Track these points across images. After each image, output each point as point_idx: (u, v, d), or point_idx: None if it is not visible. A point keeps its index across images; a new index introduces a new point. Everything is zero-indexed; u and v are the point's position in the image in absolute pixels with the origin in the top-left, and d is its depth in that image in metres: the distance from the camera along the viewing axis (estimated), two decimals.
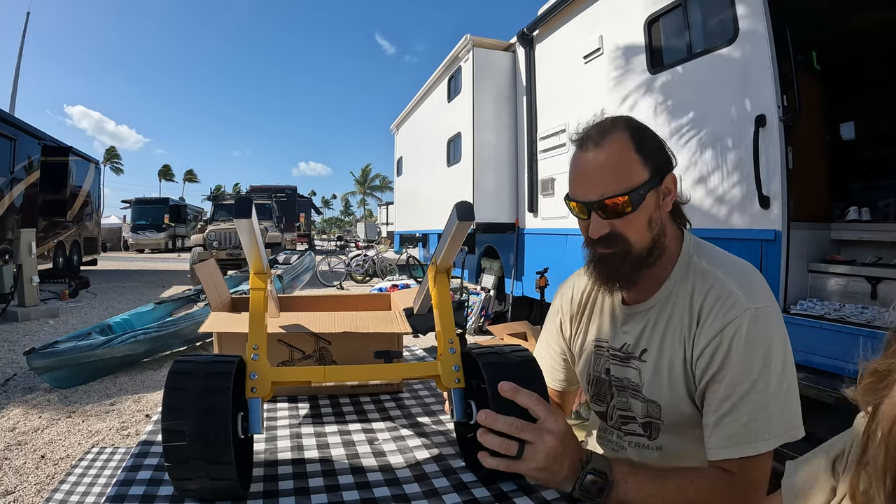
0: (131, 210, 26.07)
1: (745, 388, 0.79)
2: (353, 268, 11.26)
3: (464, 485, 0.82)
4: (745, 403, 0.79)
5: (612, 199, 0.86)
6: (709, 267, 0.89)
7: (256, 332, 0.81)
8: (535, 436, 0.73)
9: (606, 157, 0.87)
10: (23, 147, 9.00)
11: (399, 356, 0.86)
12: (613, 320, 1.02)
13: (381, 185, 64.57)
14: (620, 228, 0.88)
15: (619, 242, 0.89)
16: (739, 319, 0.81)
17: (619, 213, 0.87)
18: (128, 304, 7.57)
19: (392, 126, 10.93)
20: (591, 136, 0.89)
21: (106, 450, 1.90)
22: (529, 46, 5.35)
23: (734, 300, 0.82)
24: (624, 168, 0.86)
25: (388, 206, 32.25)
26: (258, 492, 0.78)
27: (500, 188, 5.87)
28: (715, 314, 0.83)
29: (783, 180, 2.60)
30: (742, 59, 2.84)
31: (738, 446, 0.79)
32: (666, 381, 0.89)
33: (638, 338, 0.95)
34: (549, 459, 0.73)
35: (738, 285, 0.84)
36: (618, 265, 0.90)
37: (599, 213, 0.88)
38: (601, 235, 0.89)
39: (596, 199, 0.87)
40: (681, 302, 0.90)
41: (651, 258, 0.91)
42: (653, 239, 0.90)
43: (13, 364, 4.48)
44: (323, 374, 0.81)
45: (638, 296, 0.98)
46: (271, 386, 0.78)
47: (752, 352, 0.80)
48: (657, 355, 0.91)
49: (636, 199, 0.86)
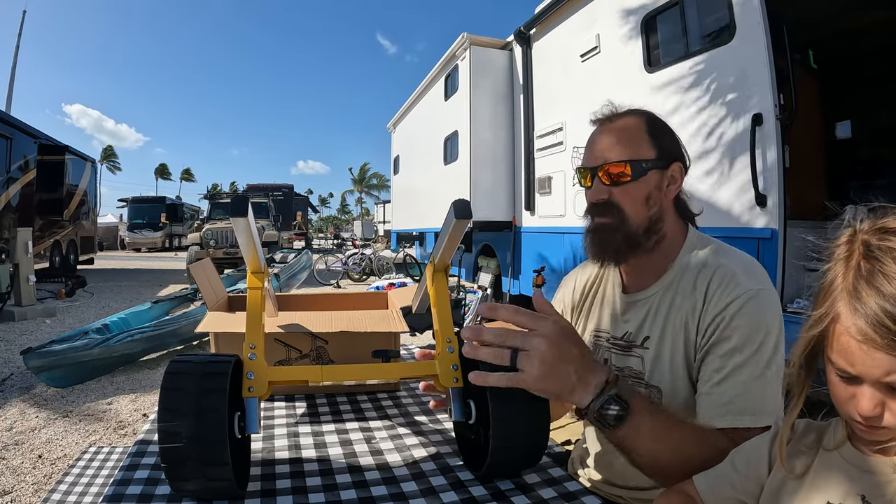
0: (128, 209, 25.95)
1: (738, 361, 0.80)
2: (350, 266, 11.25)
3: (461, 483, 0.82)
4: (738, 375, 0.80)
5: (615, 164, 0.91)
6: (712, 255, 0.92)
7: (254, 332, 0.80)
8: (524, 341, 0.69)
9: (617, 130, 0.94)
10: (19, 146, 8.95)
11: (397, 355, 0.85)
12: (614, 310, 1.03)
13: (378, 184, 64.57)
14: (618, 197, 0.92)
15: (615, 212, 0.92)
16: (742, 298, 0.82)
17: (619, 180, 0.91)
18: (124, 304, 7.55)
19: (389, 124, 10.92)
20: (608, 114, 0.97)
21: (103, 449, 1.89)
22: (526, 45, 5.35)
23: (738, 281, 0.84)
24: (632, 141, 0.92)
25: (386, 204, 32.23)
26: (255, 491, 0.78)
27: (497, 186, 5.88)
28: (720, 294, 0.85)
29: (780, 179, 2.61)
30: (739, 57, 2.84)
31: (730, 416, 0.79)
32: (668, 366, 0.90)
33: (640, 325, 0.96)
34: (545, 365, 0.68)
35: (742, 270, 0.86)
36: (610, 236, 0.93)
37: (601, 176, 0.92)
38: (598, 200, 0.93)
39: (599, 164, 0.92)
40: (683, 288, 0.91)
41: (649, 241, 0.93)
42: (649, 217, 0.92)
43: (10, 364, 4.46)
44: (320, 374, 0.81)
45: (639, 283, 0.99)
46: (268, 385, 0.78)
47: (751, 329, 0.81)
48: (659, 341, 0.92)
49: (636, 170, 0.90)
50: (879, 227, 0.54)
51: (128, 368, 4.42)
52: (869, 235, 0.54)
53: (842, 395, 0.54)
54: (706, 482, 0.68)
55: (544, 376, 0.69)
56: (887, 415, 0.51)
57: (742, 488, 0.65)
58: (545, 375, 0.69)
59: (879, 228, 0.54)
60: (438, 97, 7.10)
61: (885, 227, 0.53)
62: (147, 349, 4.55)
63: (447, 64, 6.60)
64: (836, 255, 0.56)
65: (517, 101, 5.72)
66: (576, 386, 0.70)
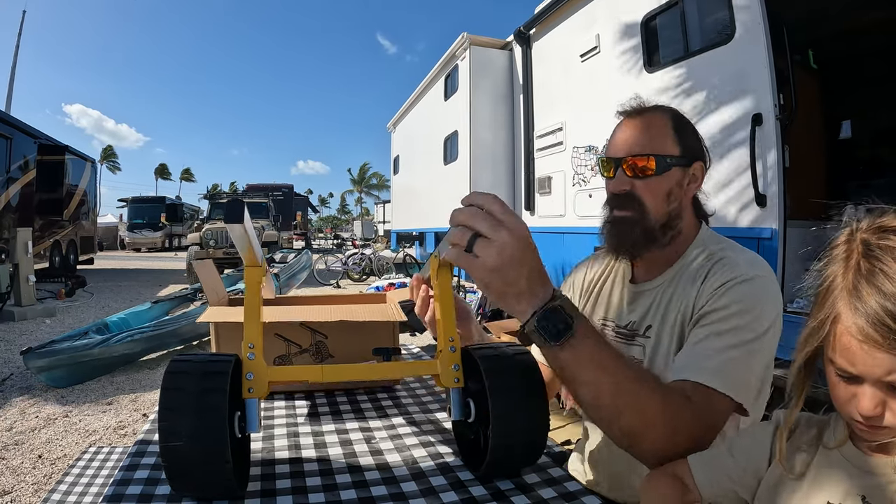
0: (128, 209, 25.95)
1: (723, 328, 0.81)
2: (350, 266, 11.25)
3: (461, 483, 0.82)
4: (720, 340, 0.79)
5: (639, 157, 0.92)
6: (718, 249, 0.93)
7: (252, 329, 0.79)
8: (490, 228, 0.65)
9: (643, 124, 0.94)
10: (19, 146, 8.96)
11: (398, 353, 0.85)
12: (621, 300, 1.04)
13: (378, 184, 64.59)
14: (640, 190, 0.93)
15: (636, 205, 0.93)
16: (738, 279, 0.84)
17: (643, 173, 0.92)
18: (124, 303, 7.55)
19: (389, 124, 10.92)
20: (635, 107, 0.98)
21: (103, 449, 1.89)
22: (526, 45, 5.35)
23: (739, 267, 0.86)
24: (657, 136, 0.93)
25: (385, 204, 32.23)
26: (255, 491, 0.78)
27: (497, 186, 5.88)
28: (720, 275, 0.86)
29: (780, 179, 2.61)
30: (739, 57, 2.84)
31: (705, 372, 0.76)
32: (665, 352, 0.91)
33: (643, 315, 0.97)
34: (501, 258, 0.64)
35: (743, 260, 0.88)
36: (628, 229, 0.93)
37: (624, 168, 0.93)
38: (620, 191, 0.94)
39: (625, 155, 0.93)
40: (686, 279, 0.92)
41: (665, 236, 0.94)
42: (668, 213, 0.93)
43: (10, 364, 4.46)
44: (321, 373, 0.81)
45: (647, 274, 1.01)
46: (268, 385, 0.78)
47: (741, 306, 0.81)
48: (659, 329, 0.93)
49: (661, 164, 0.91)
50: (878, 226, 0.54)
51: (128, 368, 4.42)
52: (868, 234, 0.54)
53: (842, 396, 0.54)
54: (704, 474, 0.67)
55: (496, 269, 0.65)
56: (888, 414, 0.51)
57: (739, 480, 0.65)
58: (497, 268, 0.65)
59: (878, 227, 0.54)
60: (438, 97, 7.10)
61: (883, 226, 0.53)
62: (147, 349, 4.56)
63: (447, 64, 6.61)
64: (835, 255, 0.56)
65: (517, 101, 5.72)
66: (523, 292, 0.67)
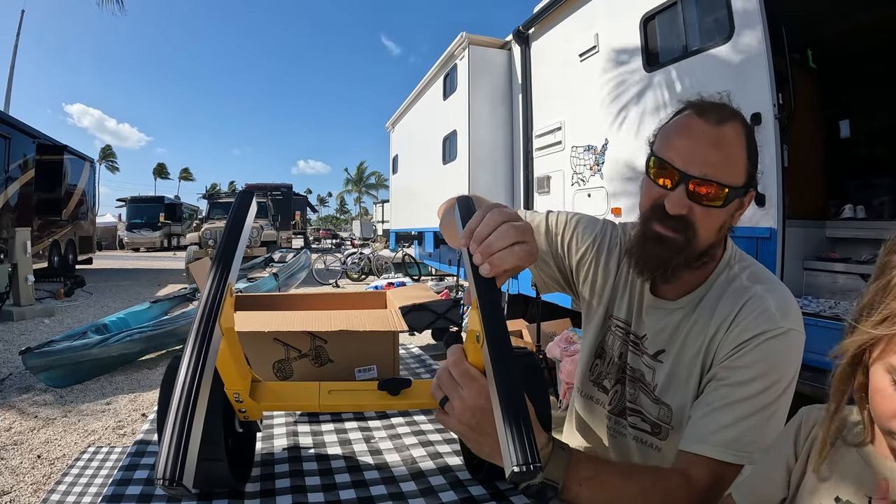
0: (127, 208, 25.91)
1: (741, 396, 0.78)
2: (349, 266, 11.25)
3: (460, 482, 0.82)
4: (739, 409, 0.77)
5: (714, 184, 0.79)
6: (748, 282, 0.87)
7: (234, 380, 0.70)
8: (451, 387, 0.65)
9: (719, 138, 0.80)
10: (17, 145, 8.94)
11: (407, 385, 0.79)
12: (631, 304, 0.99)
13: (376, 183, 64.57)
14: (697, 217, 0.81)
15: (688, 231, 0.82)
16: (770, 333, 0.79)
17: (708, 201, 0.80)
18: (123, 303, 7.54)
19: (387, 124, 10.90)
20: (715, 110, 0.82)
21: (102, 449, 1.89)
22: (525, 44, 5.35)
23: (769, 316, 0.80)
24: (735, 163, 0.81)
25: (384, 203, 32.21)
26: (255, 491, 0.78)
27: (496, 186, 5.87)
28: (747, 324, 0.81)
29: (778, 178, 2.61)
30: (737, 57, 2.84)
31: (719, 446, 0.76)
32: (682, 386, 0.88)
33: (656, 335, 0.93)
34: (461, 425, 0.65)
35: (776, 304, 0.82)
36: (671, 254, 0.83)
37: (690, 188, 0.80)
38: (677, 213, 0.81)
39: (697, 175, 0.79)
40: (709, 311, 0.87)
41: (699, 261, 0.87)
42: (713, 244, 0.87)
43: (9, 363, 4.46)
44: (318, 402, 0.78)
45: (669, 290, 0.93)
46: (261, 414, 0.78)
47: (767, 366, 0.78)
48: (675, 359, 0.89)
49: (729, 198, 0.80)
50: None
51: (126, 368, 4.42)
52: None
53: (889, 407, 0.50)
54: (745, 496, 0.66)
55: (461, 432, 0.66)
56: None
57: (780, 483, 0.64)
58: (462, 432, 0.66)
59: None
60: (437, 97, 7.09)
61: None
62: (146, 349, 4.55)
63: (446, 63, 6.60)
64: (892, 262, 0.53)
65: (516, 101, 5.71)
66: (496, 454, 0.63)
